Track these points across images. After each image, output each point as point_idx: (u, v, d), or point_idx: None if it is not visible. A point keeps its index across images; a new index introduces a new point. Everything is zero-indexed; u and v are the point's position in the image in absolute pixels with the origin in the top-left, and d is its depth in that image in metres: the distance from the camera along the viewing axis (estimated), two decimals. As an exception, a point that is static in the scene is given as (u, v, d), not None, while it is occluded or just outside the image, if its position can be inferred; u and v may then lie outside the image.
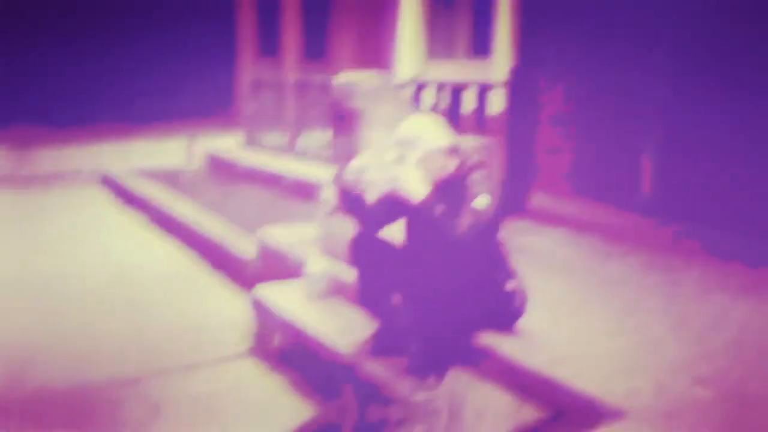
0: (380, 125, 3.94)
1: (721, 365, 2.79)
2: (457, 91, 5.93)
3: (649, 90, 4.92)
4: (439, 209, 2.79)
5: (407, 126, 3.03)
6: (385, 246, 3.18)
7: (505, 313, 3.05)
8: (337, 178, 3.19)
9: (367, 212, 3.14)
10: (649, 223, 4.78)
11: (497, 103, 5.60)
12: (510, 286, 3.03)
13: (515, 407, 2.70)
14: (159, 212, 6.98)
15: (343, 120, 4.07)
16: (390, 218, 3.16)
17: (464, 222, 2.78)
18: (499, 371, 2.86)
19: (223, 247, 5.44)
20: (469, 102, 5.90)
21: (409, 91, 6.38)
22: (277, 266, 4.61)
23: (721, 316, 3.34)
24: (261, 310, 4.02)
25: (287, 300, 3.93)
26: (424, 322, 2.96)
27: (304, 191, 7.04)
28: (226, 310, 4.62)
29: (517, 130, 5.53)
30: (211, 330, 4.25)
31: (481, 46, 6.88)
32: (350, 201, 3.13)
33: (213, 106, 20.35)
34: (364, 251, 3.19)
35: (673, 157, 4.94)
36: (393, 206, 3.05)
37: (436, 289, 2.87)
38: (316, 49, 9.25)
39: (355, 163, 3.20)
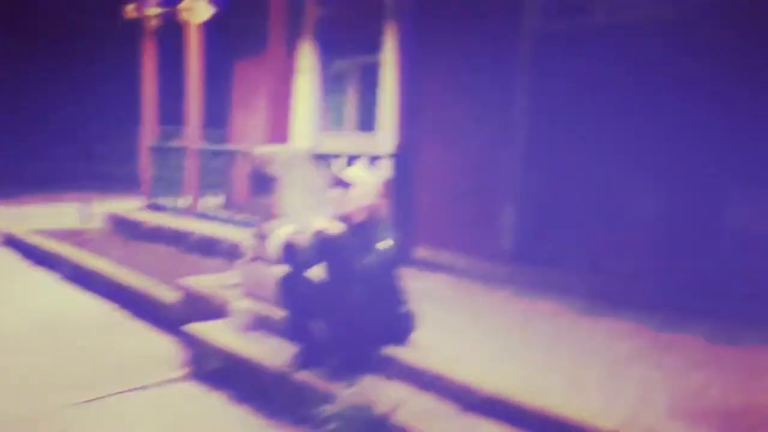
0: (294, 187, 4.84)
1: (563, 362, 3.81)
2: (350, 160, 6.87)
3: (504, 168, 6.15)
4: (351, 241, 3.68)
5: (350, 171, 3.97)
6: (309, 283, 4.02)
7: (402, 329, 3.96)
8: (261, 231, 3.99)
9: (295, 256, 3.98)
10: (511, 268, 5.89)
11: (384, 171, 6.58)
12: (404, 308, 3.97)
13: (413, 396, 3.59)
14: (73, 268, 7.41)
15: (262, 183, 4.91)
16: (314, 260, 4.01)
17: (372, 257, 3.69)
18: (400, 372, 3.75)
19: (144, 295, 6.04)
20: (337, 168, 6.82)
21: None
22: (200, 309, 5.29)
23: (566, 331, 4.41)
24: (194, 343, 4.71)
25: (218, 333, 4.65)
26: (341, 339, 3.83)
27: (206, 247, 7.75)
28: (154, 347, 5.24)
29: (401, 194, 6.51)
30: (144, 363, 4.85)
31: (367, 123, 7.98)
32: (284, 248, 3.96)
33: (105, 171, 20.60)
34: (291, 288, 4.02)
35: (527, 216, 6.14)
36: (317, 248, 3.91)
37: (350, 312, 3.74)
38: (215, 119, 10.06)
39: (280, 218, 4.08)
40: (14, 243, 9.27)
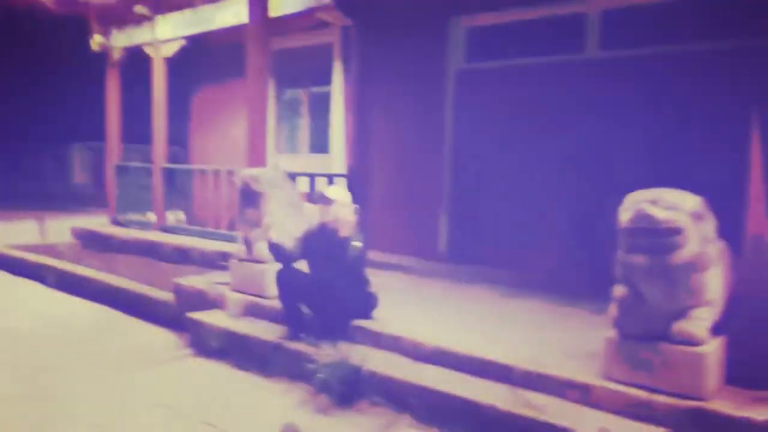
0: (276, 201, 6.06)
1: (488, 327, 5.15)
2: (312, 178, 8.12)
3: (438, 184, 7.53)
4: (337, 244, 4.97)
5: (330, 190, 5.22)
6: (297, 274, 5.26)
7: (368, 307, 5.24)
8: (248, 237, 5.19)
9: (285, 254, 5.22)
10: (447, 266, 7.27)
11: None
12: (370, 292, 5.26)
13: (378, 353, 4.86)
14: (58, 276, 8.36)
15: (250, 198, 6.09)
16: (300, 257, 5.25)
17: (350, 253, 4.97)
18: (368, 338, 5.02)
19: (139, 295, 7.09)
20: (320, 187, 8.09)
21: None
22: (193, 304, 6.38)
23: (490, 308, 5.77)
24: (196, 328, 5.85)
25: (217, 319, 5.82)
26: (323, 316, 5.09)
27: (178, 256, 8.82)
28: (156, 337, 6.30)
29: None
30: (153, 349, 5.90)
31: (318, 146, 9.26)
32: (273, 248, 5.19)
33: (36, 188, 20.95)
34: (284, 279, 5.25)
35: (459, 224, 7.53)
36: (302, 246, 5.18)
37: (331, 296, 5.01)
38: (173, 139, 11.07)
39: (267, 224, 5.32)
40: (-9, 256, 10.06)
